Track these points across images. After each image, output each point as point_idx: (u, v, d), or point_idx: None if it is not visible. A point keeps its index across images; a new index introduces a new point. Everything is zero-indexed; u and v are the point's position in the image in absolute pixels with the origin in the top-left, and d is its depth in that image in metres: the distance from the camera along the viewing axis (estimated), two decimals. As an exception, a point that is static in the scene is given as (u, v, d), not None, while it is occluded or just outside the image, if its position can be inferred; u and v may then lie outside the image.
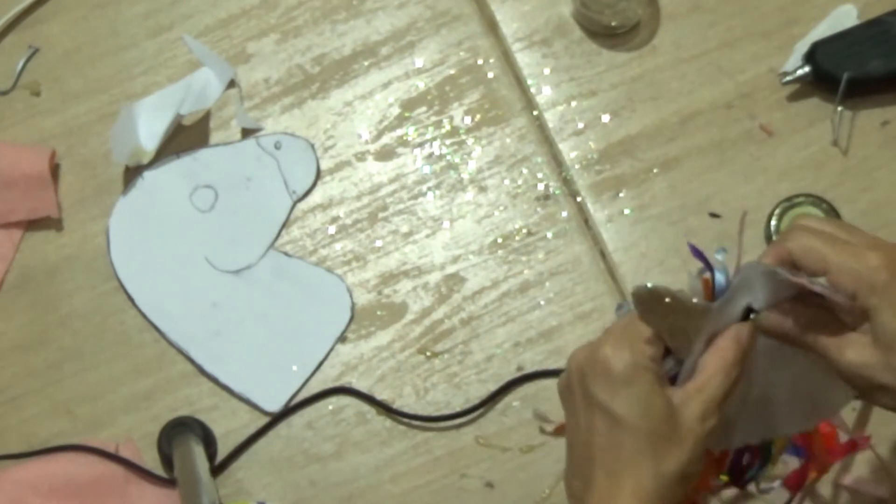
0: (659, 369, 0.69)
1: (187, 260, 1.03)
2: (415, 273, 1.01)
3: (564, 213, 1.02)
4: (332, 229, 1.03)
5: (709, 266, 0.71)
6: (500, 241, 1.02)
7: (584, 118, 1.04)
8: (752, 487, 0.80)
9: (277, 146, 1.05)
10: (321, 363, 0.99)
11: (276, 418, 0.98)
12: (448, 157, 1.04)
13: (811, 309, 0.69)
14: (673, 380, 0.70)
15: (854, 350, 0.67)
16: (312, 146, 1.05)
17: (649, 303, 0.68)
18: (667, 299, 0.68)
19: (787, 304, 0.69)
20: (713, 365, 0.69)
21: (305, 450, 0.98)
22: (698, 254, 0.72)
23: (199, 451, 0.94)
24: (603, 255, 1.00)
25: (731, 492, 0.87)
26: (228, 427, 0.98)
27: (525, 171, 1.03)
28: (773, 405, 0.72)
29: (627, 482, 0.67)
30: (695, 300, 0.69)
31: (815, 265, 0.67)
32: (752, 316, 0.70)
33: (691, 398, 0.68)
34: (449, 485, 0.96)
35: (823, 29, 1.03)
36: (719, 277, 0.71)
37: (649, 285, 0.69)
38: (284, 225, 1.04)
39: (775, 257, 0.69)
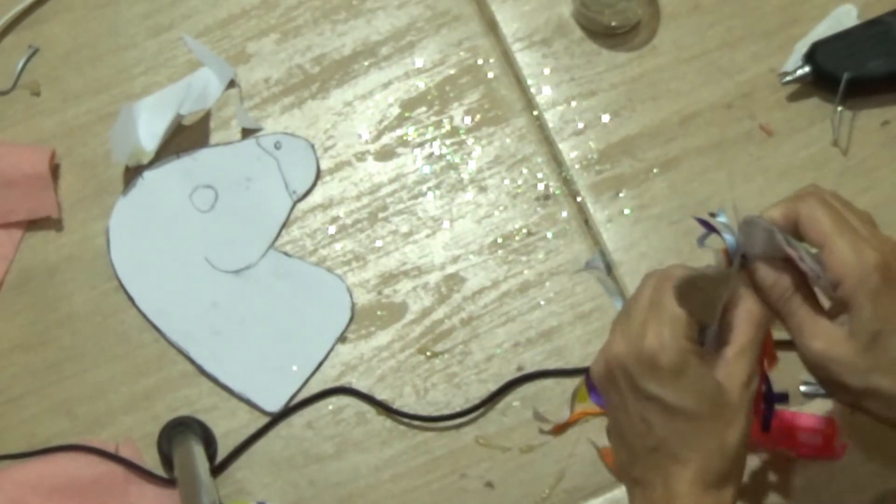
0: (699, 349, 0.70)
1: (187, 260, 1.03)
2: (415, 273, 1.01)
3: (564, 213, 1.02)
4: (332, 229, 1.03)
5: (715, 231, 0.72)
6: (500, 241, 1.02)
7: (584, 118, 1.04)
8: None
9: (277, 146, 1.05)
10: (321, 363, 0.99)
11: (276, 418, 0.98)
12: (448, 157, 1.04)
13: (799, 277, 0.69)
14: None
15: (824, 340, 0.67)
16: (312, 146, 1.06)
17: (687, 290, 0.69)
18: (699, 283, 0.70)
19: (780, 263, 0.69)
20: (745, 328, 0.70)
21: (305, 450, 0.98)
22: (704, 223, 0.73)
23: (199, 451, 0.94)
24: (603, 254, 1.00)
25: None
26: (228, 427, 0.98)
27: (525, 171, 1.03)
28: None
29: (694, 465, 0.69)
30: (716, 271, 0.71)
31: (816, 237, 0.68)
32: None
33: (732, 367, 0.69)
34: (449, 485, 0.96)
35: (823, 29, 1.03)
36: (729, 240, 0.72)
37: (682, 276, 0.71)
38: (284, 225, 1.04)
39: (783, 215, 0.69)
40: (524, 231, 1.02)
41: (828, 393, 0.71)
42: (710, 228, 0.74)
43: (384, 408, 0.98)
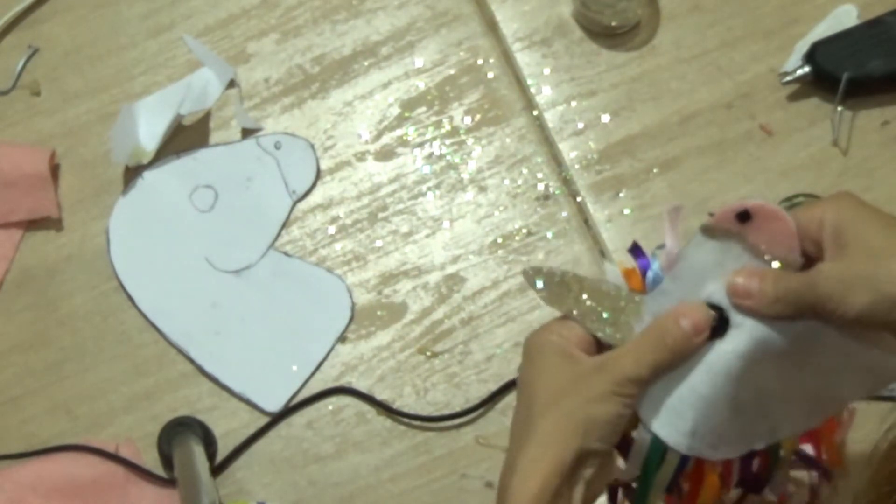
0: (567, 344, 0.68)
1: (187, 260, 1.03)
2: (415, 273, 1.01)
3: (564, 213, 1.02)
4: (332, 229, 1.03)
5: (642, 256, 0.72)
6: (500, 241, 1.02)
7: (584, 118, 1.04)
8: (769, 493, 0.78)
9: (277, 146, 1.05)
10: (321, 363, 0.99)
11: (276, 418, 0.98)
12: (448, 157, 1.04)
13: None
14: None
15: (830, 265, 0.64)
16: (312, 146, 1.06)
17: (545, 284, 0.70)
18: (556, 278, 0.69)
19: (754, 267, 0.66)
20: (639, 342, 0.67)
21: (305, 450, 0.98)
22: (638, 252, 0.72)
23: (199, 451, 0.94)
24: (603, 255, 1.00)
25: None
26: (228, 427, 0.98)
27: (525, 171, 1.03)
28: (771, 407, 0.69)
29: (533, 439, 0.66)
30: (609, 286, 0.70)
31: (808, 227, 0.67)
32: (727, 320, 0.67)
33: (604, 366, 0.66)
34: (449, 485, 0.96)
35: (823, 29, 1.03)
36: (654, 267, 0.71)
37: (532, 267, 0.71)
38: (284, 225, 1.04)
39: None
40: (524, 231, 1.02)
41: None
42: (639, 253, 0.73)
43: (384, 408, 0.98)
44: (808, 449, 0.81)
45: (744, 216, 0.67)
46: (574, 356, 0.68)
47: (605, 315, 0.69)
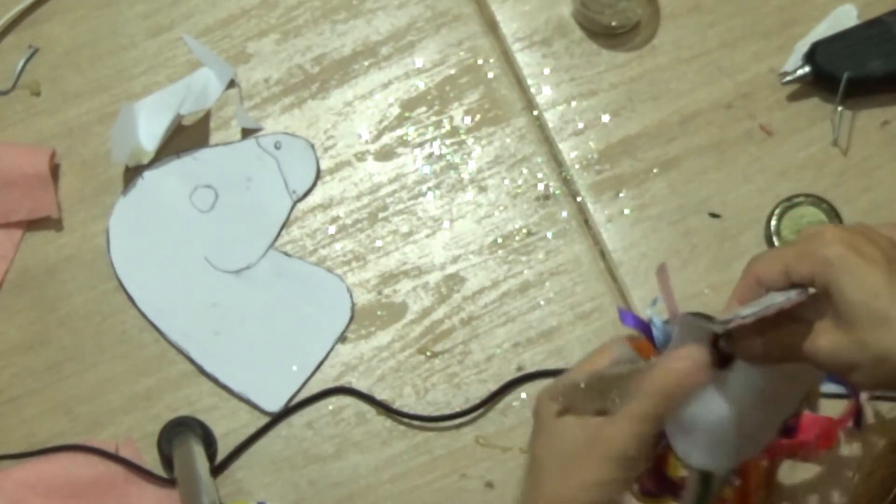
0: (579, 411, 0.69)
1: (187, 260, 1.03)
2: (415, 273, 1.01)
3: (564, 213, 1.02)
4: (332, 229, 1.03)
5: (636, 321, 0.72)
6: (500, 241, 1.02)
7: (584, 118, 1.04)
8: None
9: (277, 146, 1.05)
10: (321, 363, 0.99)
11: (276, 418, 0.98)
12: (448, 157, 1.04)
13: (774, 322, 0.66)
14: None
15: (824, 337, 0.64)
16: (312, 146, 1.06)
17: (571, 400, 0.69)
18: (579, 390, 0.69)
19: (755, 325, 0.66)
20: (645, 395, 0.67)
21: (305, 450, 0.98)
22: (629, 318, 0.72)
23: (199, 451, 0.94)
24: (603, 255, 1.00)
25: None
26: (228, 427, 0.98)
27: (525, 171, 1.03)
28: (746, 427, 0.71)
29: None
30: (617, 368, 0.69)
31: (777, 274, 0.65)
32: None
33: (613, 425, 0.67)
34: (449, 485, 0.96)
35: (823, 29, 1.03)
36: (657, 335, 0.71)
37: (548, 392, 0.70)
38: (284, 225, 1.04)
39: (740, 296, 0.67)
40: (524, 231, 1.02)
41: (851, 383, 0.67)
42: (637, 323, 0.73)
43: (384, 408, 0.98)
44: None
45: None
46: (583, 421, 0.69)
47: None
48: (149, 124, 1.04)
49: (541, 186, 1.03)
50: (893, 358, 0.62)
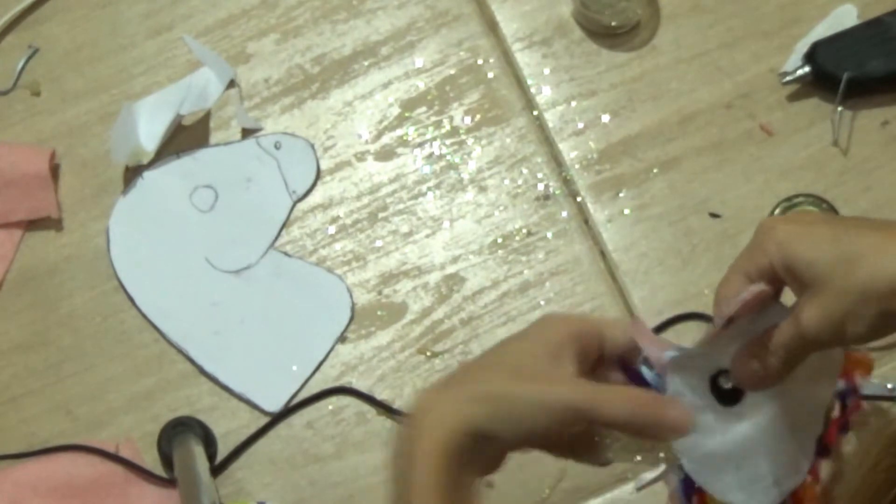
0: (569, 345, 0.67)
1: (187, 260, 1.03)
2: (415, 273, 1.01)
3: (564, 213, 1.02)
4: (332, 229, 1.03)
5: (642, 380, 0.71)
6: (500, 241, 1.02)
7: (584, 118, 1.04)
8: None
9: (277, 146, 1.05)
10: (321, 363, 0.99)
11: (276, 418, 0.98)
12: (448, 157, 1.04)
13: (759, 340, 0.67)
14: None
15: (805, 311, 0.64)
16: (312, 146, 1.06)
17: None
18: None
19: (743, 350, 0.67)
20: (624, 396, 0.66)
21: (305, 450, 0.98)
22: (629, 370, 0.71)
23: (199, 451, 0.94)
24: (603, 255, 1.00)
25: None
26: (228, 427, 0.98)
27: (525, 171, 1.03)
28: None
29: None
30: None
31: (741, 285, 0.66)
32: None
33: (562, 381, 0.66)
34: (449, 485, 0.96)
35: (823, 29, 1.03)
36: (647, 375, 0.70)
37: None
38: (284, 225, 1.04)
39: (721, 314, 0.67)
40: (524, 231, 1.02)
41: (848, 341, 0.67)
42: (636, 377, 0.72)
43: (384, 408, 0.98)
44: None
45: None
46: (561, 357, 0.66)
47: (638, 456, 0.70)
48: (149, 124, 1.04)
49: (541, 186, 1.03)
50: (875, 288, 0.62)
